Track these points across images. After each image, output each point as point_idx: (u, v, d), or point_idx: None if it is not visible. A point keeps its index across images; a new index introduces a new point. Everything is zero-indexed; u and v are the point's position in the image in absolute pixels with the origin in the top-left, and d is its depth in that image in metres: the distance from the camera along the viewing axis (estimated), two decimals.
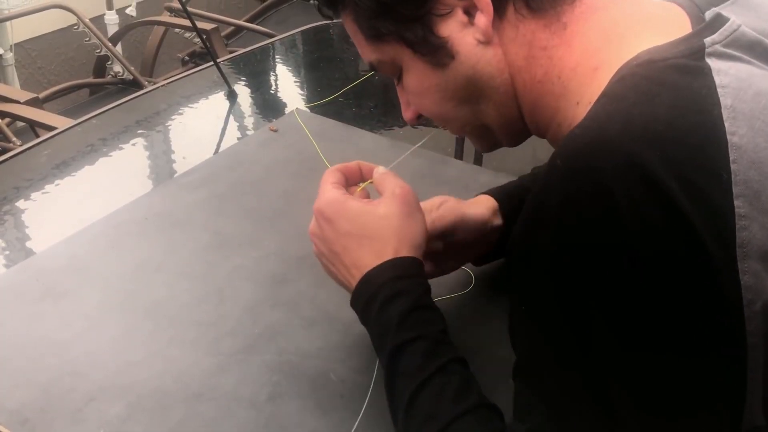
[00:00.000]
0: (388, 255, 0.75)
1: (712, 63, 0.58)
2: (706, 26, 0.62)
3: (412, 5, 0.68)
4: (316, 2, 0.74)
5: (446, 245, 0.88)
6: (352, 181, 0.84)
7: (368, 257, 0.76)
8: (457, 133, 0.85)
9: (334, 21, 0.76)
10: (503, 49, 0.69)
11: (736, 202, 0.54)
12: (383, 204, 0.78)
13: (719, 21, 0.62)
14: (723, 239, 0.53)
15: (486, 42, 0.69)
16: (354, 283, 0.77)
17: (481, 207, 0.91)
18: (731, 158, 0.54)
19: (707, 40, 0.60)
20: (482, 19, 0.67)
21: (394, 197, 0.78)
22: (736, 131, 0.55)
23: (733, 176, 0.54)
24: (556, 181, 0.58)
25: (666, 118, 0.55)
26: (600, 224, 0.54)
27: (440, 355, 0.70)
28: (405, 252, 0.76)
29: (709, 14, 0.64)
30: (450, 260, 0.92)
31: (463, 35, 0.69)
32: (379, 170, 0.83)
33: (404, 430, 0.70)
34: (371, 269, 0.75)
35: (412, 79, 0.74)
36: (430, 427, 0.67)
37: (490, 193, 0.94)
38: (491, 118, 0.75)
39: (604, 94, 0.60)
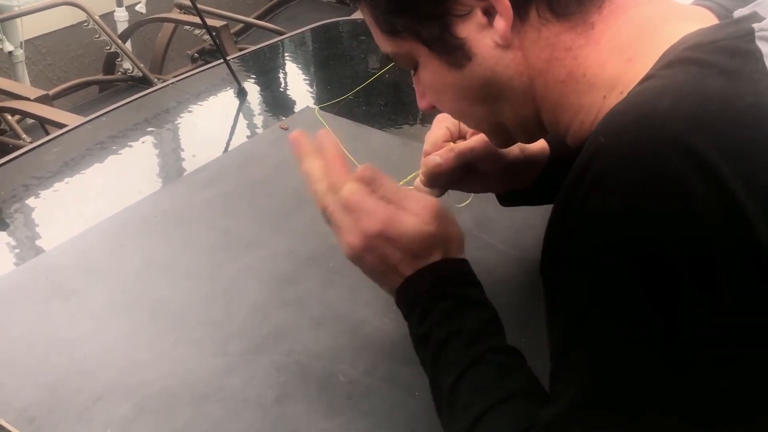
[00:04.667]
0: (437, 258, 0.74)
1: (763, 47, 0.56)
2: (750, 15, 0.60)
3: (429, 4, 0.66)
4: None
5: (473, 170, 0.89)
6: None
7: (422, 262, 0.74)
8: (473, 128, 0.85)
9: (344, 18, 0.75)
10: (523, 53, 0.67)
11: None
12: (428, 222, 0.75)
13: (758, 15, 0.60)
14: None
15: (505, 46, 0.66)
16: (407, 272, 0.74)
17: (516, 146, 0.89)
18: None
19: (756, 26, 0.58)
20: (501, 24, 0.65)
21: (430, 212, 0.76)
22: None
23: None
24: (602, 160, 0.55)
25: (719, 98, 0.53)
26: (653, 207, 0.52)
27: (477, 346, 0.69)
28: (452, 255, 0.75)
29: (737, 13, 0.62)
30: (472, 184, 0.93)
31: (482, 37, 0.66)
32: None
33: (447, 427, 0.69)
34: (415, 275, 0.74)
35: (427, 75, 0.73)
36: (467, 418, 0.66)
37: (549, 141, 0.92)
38: (507, 118, 0.74)
39: (650, 76, 0.58)
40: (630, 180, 0.53)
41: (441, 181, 0.89)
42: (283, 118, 1.39)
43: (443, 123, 0.91)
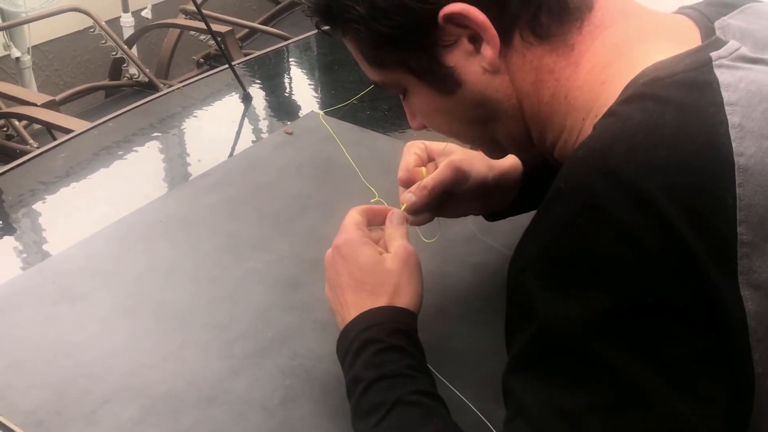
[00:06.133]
0: (381, 303, 0.78)
1: (721, 76, 0.57)
2: (709, 43, 0.61)
3: (416, 36, 0.67)
4: (314, 20, 0.73)
5: (449, 196, 0.91)
6: (374, 221, 0.87)
7: (365, 301, 0.79)
8: (467, 144, 0.87)
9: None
10: (510, 77, 0.68)
11: (739, 229, 0.53)
12: (389, 260, 0.81)
13: (720, 41, 0.61)
14: (726, 266, 0.53)
15: (493, 71, 0.67)
16: (347, 320, 0.79)
17: (484, 167, 0.91)
18: (737, 182, 0.53)
19: (713, 54, 0.59)
20: (488, 51, 0.66)
21: (397, 256, 0.81)
22: (744, 152, 0.54)
23: (738, 201, 0.53)
24: (559, 204, 0.58)
25: (671, 140, 0.54)
26: (600, 251, 0.55)
27: (400, 388, 0.71)
28: (398, 304, 0.79)
29: (718, 23, 0.63)
30: (452, 209, 0.94)
31: (470, 64, 0.68)
32: (393, 221, 0.86)
33: None
34: (355, 318, 0.78)
35: (418, 102, 0.74)
36: None
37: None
38: (500, 135, 0.75)
39: (611, 113, 0.59)
40: (583, 231, 0.55)
41: (422, 211, 0.90)
42: (288, 122, 1.39)
43: (412, 149, 0.94)
